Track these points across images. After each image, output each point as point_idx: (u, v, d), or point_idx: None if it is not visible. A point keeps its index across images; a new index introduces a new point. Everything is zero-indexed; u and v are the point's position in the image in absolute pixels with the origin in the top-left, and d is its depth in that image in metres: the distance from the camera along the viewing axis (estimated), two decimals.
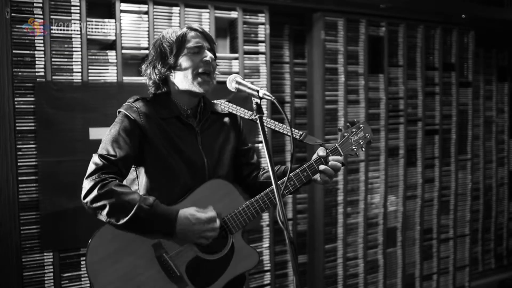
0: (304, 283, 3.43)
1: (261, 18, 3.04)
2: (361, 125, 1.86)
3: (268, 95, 1.48)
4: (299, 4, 3.10)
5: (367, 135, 1.86)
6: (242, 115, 1.89)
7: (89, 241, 1.63)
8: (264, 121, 1.84)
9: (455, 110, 3.88)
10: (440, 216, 3.87)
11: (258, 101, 1.49)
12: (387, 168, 3.57)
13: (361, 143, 1.85)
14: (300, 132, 1.86)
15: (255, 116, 1.50)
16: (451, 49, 3.84)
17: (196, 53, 1.72)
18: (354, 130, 1.85)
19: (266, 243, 3.11)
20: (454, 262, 3.98)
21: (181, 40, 1.72)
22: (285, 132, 1.87)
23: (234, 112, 1.89)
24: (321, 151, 1.78)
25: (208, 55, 1.73)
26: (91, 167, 1.63)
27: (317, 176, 1.77)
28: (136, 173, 1.76)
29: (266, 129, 1.63)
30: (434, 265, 3.88)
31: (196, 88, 1.72)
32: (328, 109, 3.31)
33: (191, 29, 1.75)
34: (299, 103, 3.41)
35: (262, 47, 3.05)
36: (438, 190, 3.84)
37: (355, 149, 1.83)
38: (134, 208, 1.56)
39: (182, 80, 1.73)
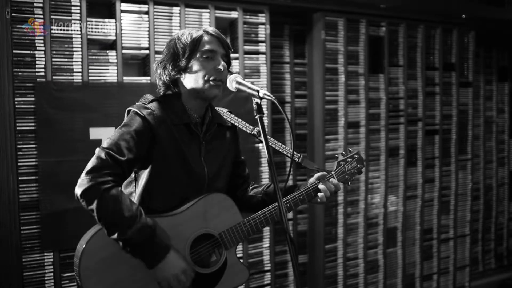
0: (304, 283, 3.43)
1: (261, 18, 3.03)
2: (355, 156, 1.92)
3: (268, 95, 1.47)
4: (299, 4, 3.10)
5: (359, 165, 1.93)
6: (244, 129, 1.91)
7: (84, 244, 1.60)
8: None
9: (455, 110, 3.88)
10: (440, 216, 3.87)
11: (259, 101, 1.49)
12: (387, 168, 3.57)
13: (354, 172, 1.92)
14: (298, 155, 1.94)
15: (255, 116, 1.49)
16: (451, 49, 3.84)
17: (209, 58, 1.68)
18: (349, 159, 1.91)
19: (266, 243, 3.11)
20: (454, 262, 3.98)
21: (195, 43, 1.67)
22: (284, 152, 1.94)
23: (236, 124, 1.90)
24: (319, 175, 1.84)
25: (221, 63, 1.69)
26: (95, 162, 1.55)
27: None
28: (135, 175, 1.73)
29: (266, 129, 1.62)
30: (434, 265, 3.87)
31: (206, 91, 1.69)
32: (328, 109, 3.31)
33: (207, 33, 1.71)
34: (299, 103, 3.41)
35: (262, 47, 3.05)
36: (438, 190, 3.84)
37: (348, 178, 1.91)
38: (128, 232, 1.52)
39: (192, 82, 1.69)
